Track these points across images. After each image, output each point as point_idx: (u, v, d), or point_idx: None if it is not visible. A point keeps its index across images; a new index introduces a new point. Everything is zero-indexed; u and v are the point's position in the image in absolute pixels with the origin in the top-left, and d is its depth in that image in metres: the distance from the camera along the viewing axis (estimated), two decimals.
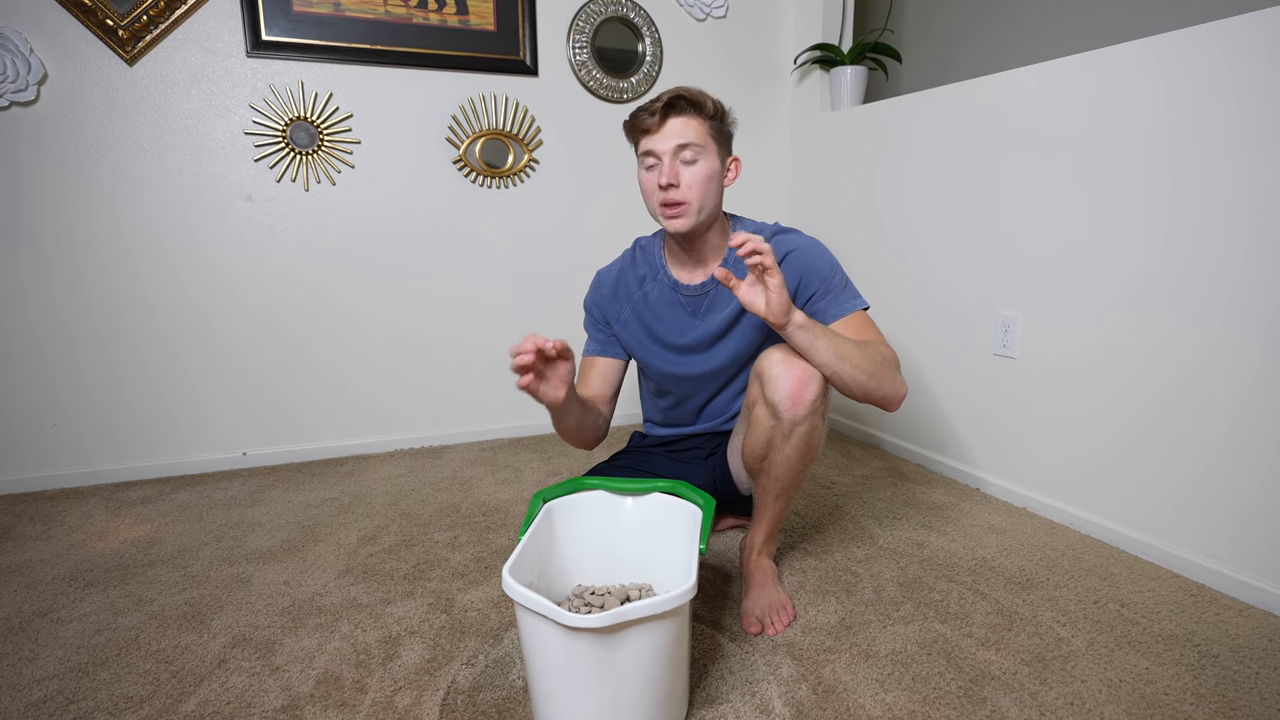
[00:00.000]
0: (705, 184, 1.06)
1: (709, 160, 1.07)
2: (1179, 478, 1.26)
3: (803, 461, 1.06)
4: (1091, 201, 1.36)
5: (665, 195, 1.05)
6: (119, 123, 1.64)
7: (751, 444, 1.10)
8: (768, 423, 1.05)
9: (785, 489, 1.10)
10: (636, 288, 1.23)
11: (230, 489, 1.71)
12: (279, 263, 1.82)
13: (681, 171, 1.05)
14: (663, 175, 1.04)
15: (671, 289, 1.19)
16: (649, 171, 1.07)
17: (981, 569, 1.27)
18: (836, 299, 1.10)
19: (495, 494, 1.66)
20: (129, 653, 1.04)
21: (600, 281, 1.27)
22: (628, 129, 1.09)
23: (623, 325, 1.25)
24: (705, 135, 1.06)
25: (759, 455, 1.09)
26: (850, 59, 2.04)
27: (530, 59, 1.95)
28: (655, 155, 1.05)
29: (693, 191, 1.06)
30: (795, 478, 1.08)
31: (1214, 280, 1.18)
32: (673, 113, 1.04)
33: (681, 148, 1.04)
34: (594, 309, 1.28)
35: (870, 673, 0.97)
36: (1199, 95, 1.18)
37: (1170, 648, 1.03)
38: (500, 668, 0.99)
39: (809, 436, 1.04)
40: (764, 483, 1.11)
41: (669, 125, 1.04)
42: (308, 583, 1.25)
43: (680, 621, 0.80)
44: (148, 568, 1.31)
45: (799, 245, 1.13)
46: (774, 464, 1.07)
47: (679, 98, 1.04)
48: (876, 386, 1.00)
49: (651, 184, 1.07)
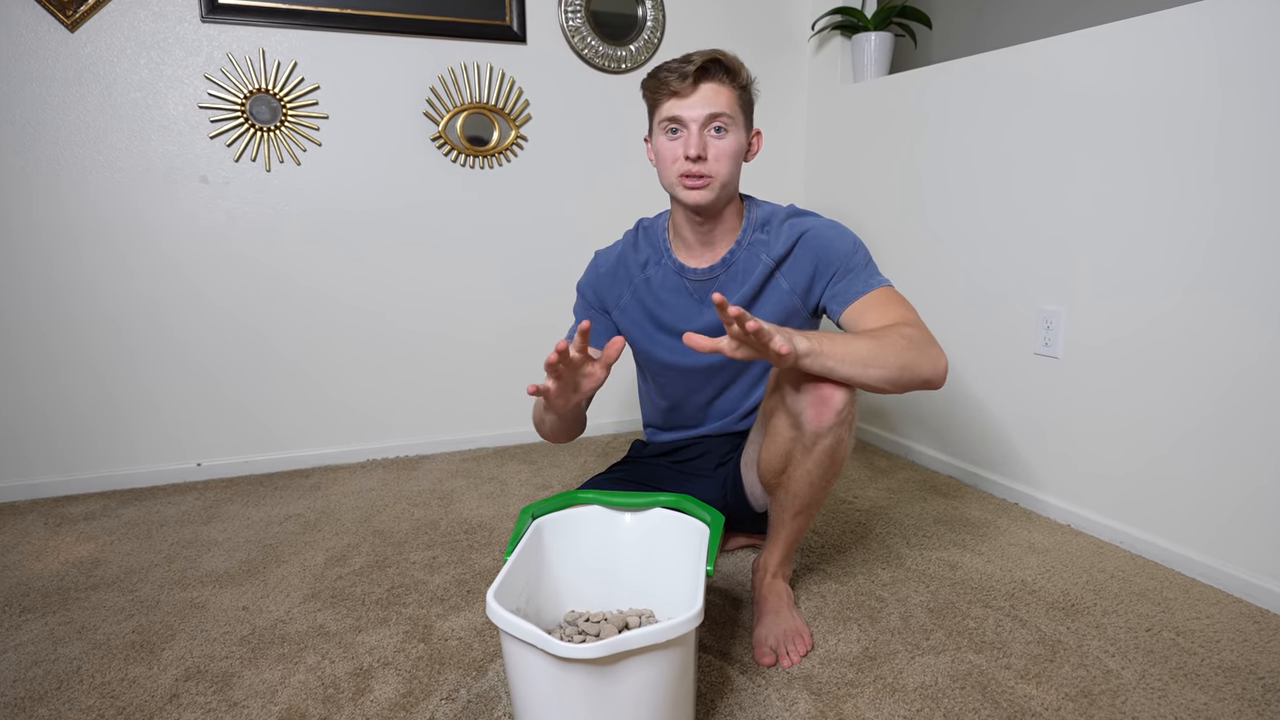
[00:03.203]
0: (733, 159, 1.08)
1: (738, 133, 1.08)
2: (1239, 489, 1.26)
3: (825, 477, 1.06)
4: (1151, 183, 1.36)
5: (691, 167, 1.06)
6: (59, 95, 1.64)
7: (769, 456, 1.09)
8: (787, 433, 1.04)
9: (805, 506, 1.10)
10: (638, 271, 1.24)
11: (183, 504, 1.71)
12: (238, 250, 1.82)
13: (710, 143, 1.06)
14: (691, 145, 1.05)
15: (677, 273, 1.20)
16: (671, 139, 1.08)
17: (1021, 593, 1.27)
18: (858, 277, 1.10)
19: (478, 509, 1.66)
20: (70, 686, 1.04)
21: (598, 263, 1.29)
22: (649, 88, 1.08)
23: (622, 311, 1.25)
24: (736, 106, 1.07)
25: (777, 469, 1.09)
26: (875, 24, 2.04)
27: (518, 24, 1.95)
28: (682, 122, 1.06)
29: (720, 165, 1.07)
30: (817, 495, 1.08)
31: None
32: (707, 78, 1.05)
33: (713, 117, 1.05)
34: (588, 291, 1.28)
35: (897, 709, 0.97)
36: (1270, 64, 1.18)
37: (1231, 681, 1.03)
38: (484, 703, 0.99)
39: (834, 450, 1.03)
40: (781, 499, 1.11)
41: (701, 91, 1.05)
42: (269, 608, 1.24)
43: (684, 652, 0.80)
44: (91, 591, 1.31)
45: (813, 226, 1.14)
46: (793, 479, 1.07)
47: (715, 61, 1.04)
48: (911, 378, 0.98)
49: (673, 152, 1.07)
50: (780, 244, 1.14)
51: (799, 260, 1.13)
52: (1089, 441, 1.51)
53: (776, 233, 1.15)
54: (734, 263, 1.16)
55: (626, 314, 1.25)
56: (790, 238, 1.13)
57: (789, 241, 1.13)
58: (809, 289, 1.14)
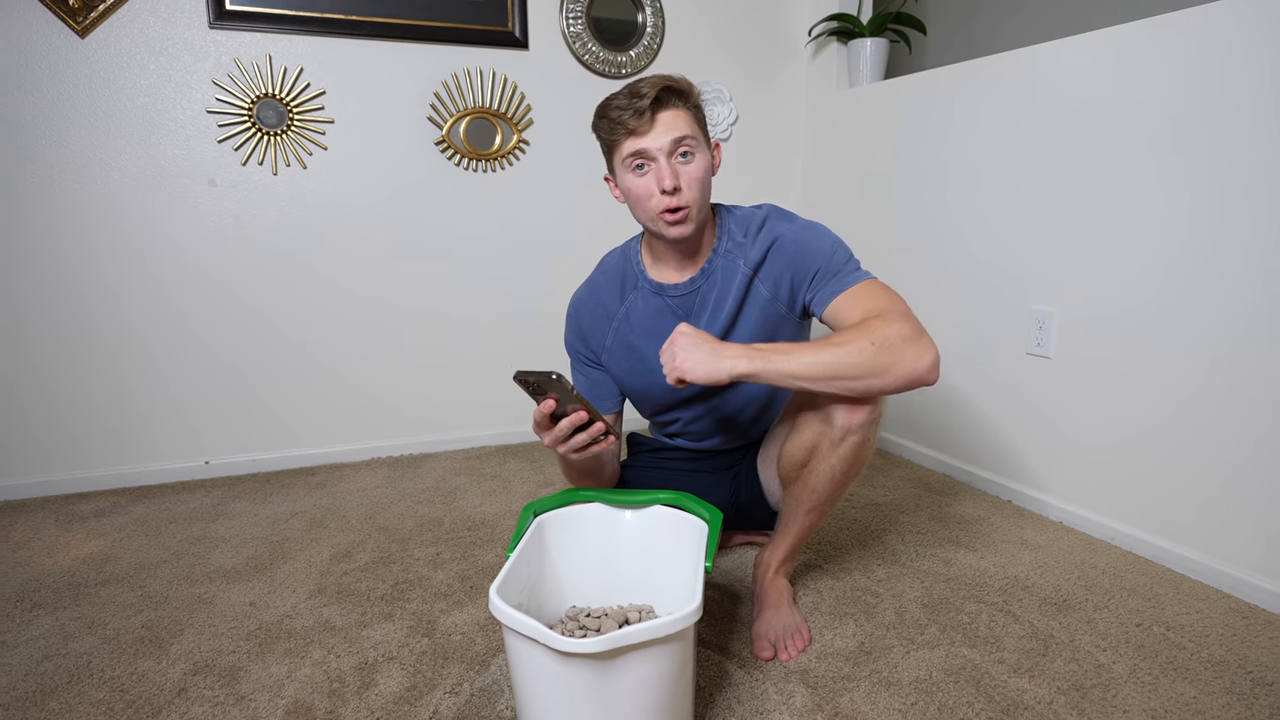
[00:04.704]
0: (703, 181, 1.03)
1: (703, 153, 1.03)
2: (1229, 488, 1.26)
3: (847, 475, 1.06)
4: (1139, 185, 1.36)
5: (670, 200, 1.00)
6: (69, 100, 1.65)
7: (792, 449, 1.08)
8: (816, 427, 1.03)
9: (821, 503, 1.09)
10: (617, 305, 1.17)
11: (191, 501, 1.71)
12: (245, 253, 1.82)
13: (680, 172, 1.01)
14: (665, 179, 0.99)
15: (656, 294, 1.14)
16: (640, 175, 1.01)
17: (1014, 589, 1.27)
18: (838, 275, 1.05)
19: (481, 507, 1.66)
20: (80, 680, 1.04)
21: (578, 311, 1.21)
22: (604, 129, 1.02)
23: (609, 354, 1.19)
24: (695, 126, 1.02)
25: (799, 462, 1.08)
26: (870, 30, 2.04)
27: (520, 30, 1.95)
28: (647, 155, 1.00)
29: (692, 192, 1.01)
30: (835, 492, 1.08)
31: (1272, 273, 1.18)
32: (662, 107, 0.99)
33: (678, 143, 0.99)
34: (577, 344, 1.22)
35: (892, 702, 0.97)
36: (1250, 69, 1.18)
37: (1220, 675, 1.03)
38: (487, 697, 0.99)
39: (859, 448, 1.03)
40: (797, 493, 1.10)
41: (660, 121, 0.99)
42: (276, 604, 1.25)
43: (684, 646, 0.80)
44: (101, 587, 1.31)
45: (788, 230, 1.09)
46: (815, 473, 1.06)
47: (666, 89, 0.98)
48: (883, 384, 0.94)
49: (646, 188, 1.01)
50: (756, 250, 1.09)
51: (774, 265, 1.08)
52: (1081, 440, 1.51)
53: (753, 238, 1.10)
54: (712, 272, 1.11)
55: (614, 358, 1.19)
56: (765, 242, 1.09)
57: (764, 246, 1.09)
58: (791, 293, 1.09)
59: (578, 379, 1.24)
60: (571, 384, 0.87)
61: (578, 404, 0.90)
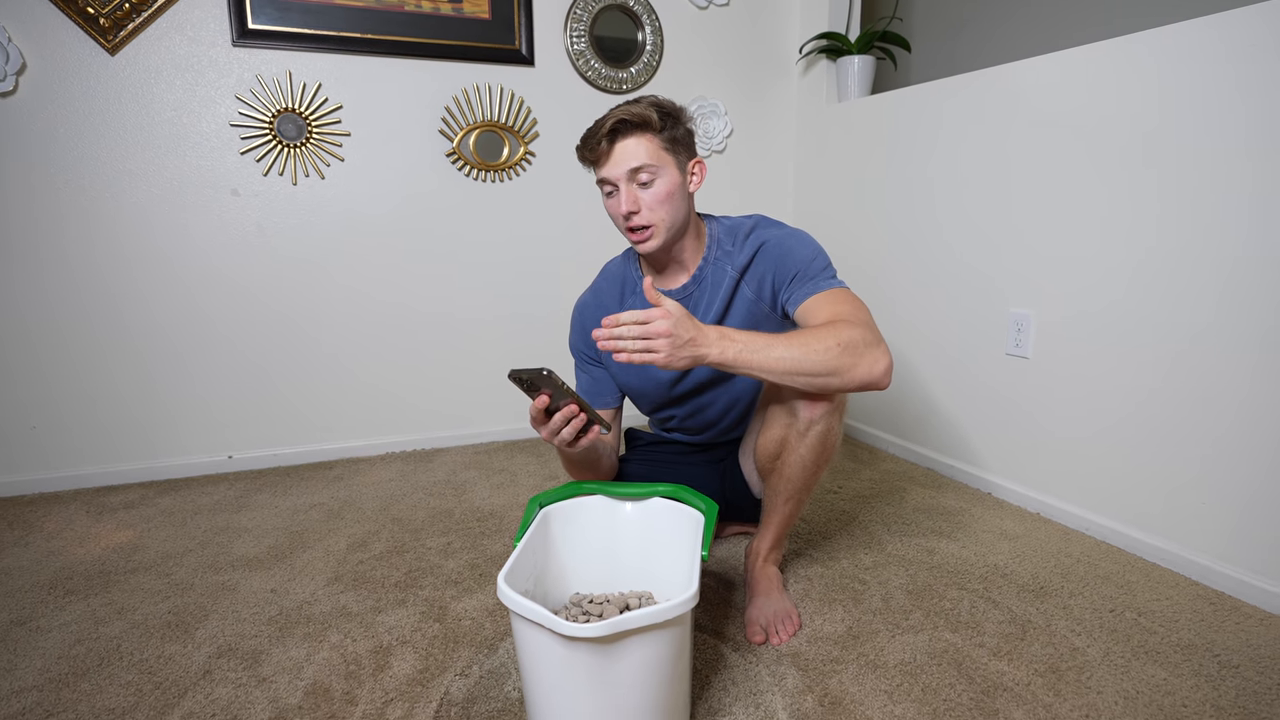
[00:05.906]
0: (667, 201, 1.04)
1: (667, 176, 1.04)
2: (1197, 481, 1.26)
3: (817, 463, 1.07)
4: (1110, 195, 1.36)
5: (629, 222, 1.04)
6: (100, 114, 1.65)
7: (765, 442, 1.10)
8: (783, 420, 1.05)
9: (796, 491, 1.10)
10: (618, 307, 1.20)
11: (215, 493, 1.71)
12: (266, 259, 1.82)
13: (640, 196, 1.03)
14: (623, 203, 1.03)
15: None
16: (609, 198, 1.07)
17: (993, 576, 1.27)
18: (813, 280, 1.06)
19: (490, 499, 1.67)
20: (110, 663, 1.04)
21: (581, 312, 1.24)
22: (581, 157, 1.07)
23: (610, 356, 1.20)
24: (658, 151, 1.03)
25: (772, 454, 1.09)
26: (858, 48, 2.04)
27: (526, 48, 1.95)
28: (610, 182, 1.04)
29: (655, 213, 1.04)
30: (809, 480, 1.09)
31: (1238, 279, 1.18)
32: (618, 137, 1.02)
33: (635, 171, 1.02)
34: (580, 344, 1.24)
35: (878, 684, 0.97)
36: (1217, 87, 1.18)
37: (1189, 658, 1.03)
38: (495, 679, 0.99)
39: (825, 436, 1.04)
40: (775, 484, 1.11)
41: (618, 151, 1.02)
42: (295, 591, 1.25)
43: (682, 631, 0.80)
44: (130, 575, 1.31)
45: (774, 236, 1.11)
46: (788, 464, 1.07)
47: (622, 121, 1.01)
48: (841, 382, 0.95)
49: (614, 209, 1.06)
50: (744, 254, 1.11)
51: (759, 267, 1.10)
52: (1057, 435, 1.51)
53: (741, 245, 1.12)
54: (704, 278, 1.13)
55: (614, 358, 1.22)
56: (752, 247, 1.11)
57: (751, 251, 1.11)
58: (773, 293, 1.10)
59: (581, 377, 1.25)
60: (562, 379, 0.88)
61: (569, 398, 0.91)
